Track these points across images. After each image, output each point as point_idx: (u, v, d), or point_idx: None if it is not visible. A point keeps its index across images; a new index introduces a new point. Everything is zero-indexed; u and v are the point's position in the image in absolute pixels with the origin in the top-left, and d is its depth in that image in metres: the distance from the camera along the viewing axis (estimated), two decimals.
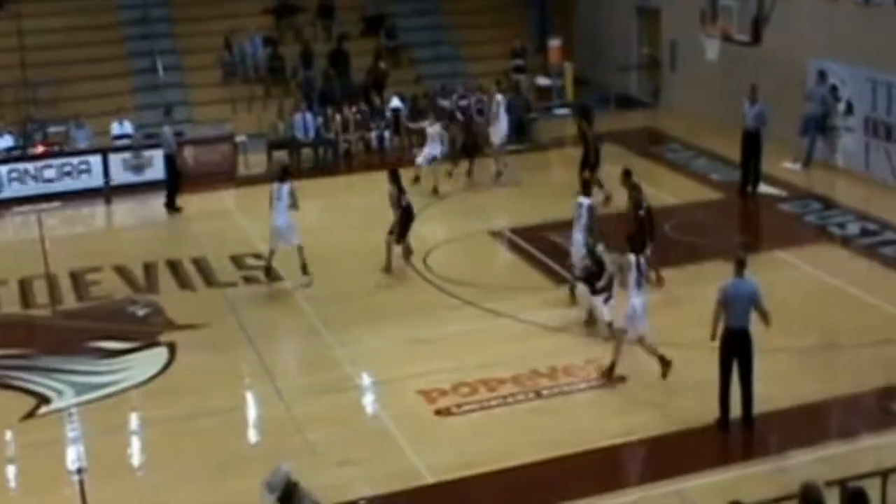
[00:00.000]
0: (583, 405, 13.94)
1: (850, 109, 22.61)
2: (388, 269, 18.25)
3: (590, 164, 21.18)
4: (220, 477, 12.58)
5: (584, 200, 16.72)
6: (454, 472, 12.45)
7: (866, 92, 22.09)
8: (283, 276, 18.38)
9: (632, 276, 14.26)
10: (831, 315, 16.20)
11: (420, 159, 22.66)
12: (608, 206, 19.77)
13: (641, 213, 16.89)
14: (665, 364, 14.23)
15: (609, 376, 14.37)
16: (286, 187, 18.00)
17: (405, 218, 18.40)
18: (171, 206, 22.36)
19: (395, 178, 18.60)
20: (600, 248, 15.86)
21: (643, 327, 14.29)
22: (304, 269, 17.94)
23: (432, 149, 22.61)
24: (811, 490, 8.50)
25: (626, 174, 17.67)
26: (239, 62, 28.14)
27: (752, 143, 21.90)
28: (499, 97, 24.12)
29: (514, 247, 19.60)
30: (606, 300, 15.37)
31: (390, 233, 18.37)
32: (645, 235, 16.56)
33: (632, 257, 14.44)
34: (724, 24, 23.26)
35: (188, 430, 13.66)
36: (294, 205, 17.95)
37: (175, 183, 22.49)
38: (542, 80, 28.76)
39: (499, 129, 23.78)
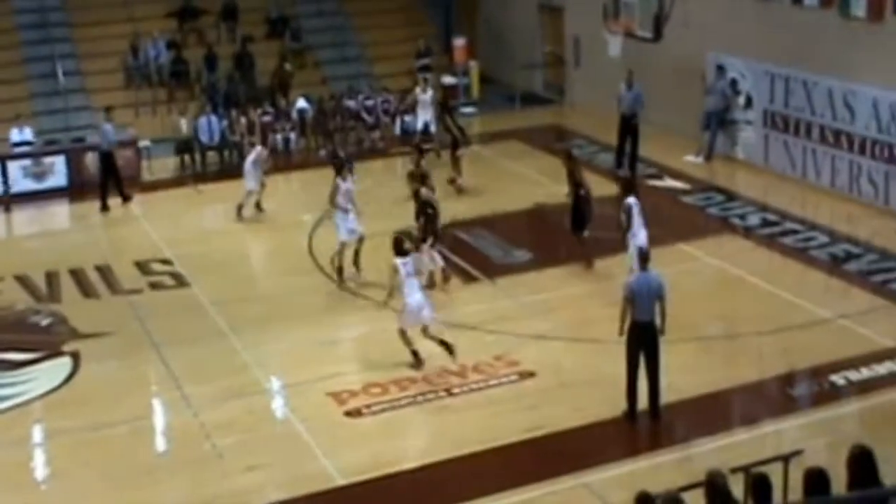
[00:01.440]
0: (493, 402, 13.98)
1: (749, 103, 23.05)
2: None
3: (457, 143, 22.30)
4: (127, 487, 12.39)
5: (632, 199, 16.76)
6: (365, 473, 12.42)
7: (765, 85, 22.53)
8: (189, 281, 18.19)
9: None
10: (734, 305, 16.51)
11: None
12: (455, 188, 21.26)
13: (582, 193, 17.87)
14: (449, 350, 14.71)
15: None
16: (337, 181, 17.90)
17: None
18: (125, 198, 22.37)
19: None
20: None
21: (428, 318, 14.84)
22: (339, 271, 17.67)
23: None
24: (716, 478, 8.63)
25: (569, 157, 18.66)
26: (143, 66, 27.74)
27: (628, 127, 22.58)
28: (426, 95, 24.80)
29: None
30: None
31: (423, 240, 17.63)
32: (583, 214, 17.79)
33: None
34: (626, 20, 23.54)
35: (93, 440, 13.42)
36: (329, 200, 17.83)
37: (119, 179, 22.41)
38: (448, 79, 28.81)
39: (425, 117, 24.59)
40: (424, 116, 24.75)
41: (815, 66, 21.19)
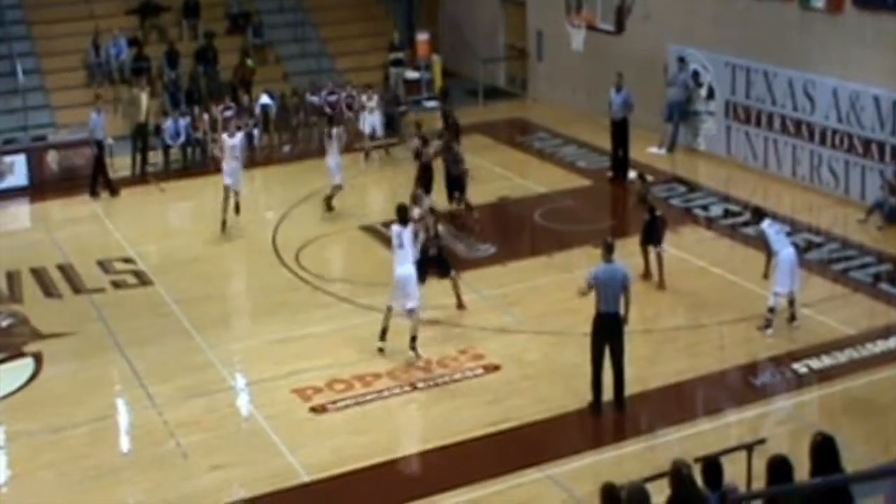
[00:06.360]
0: (457, 395, 14.00)
1: (711, 94, 23.15)
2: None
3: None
4: (90, 489, 12.31)
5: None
6: (331, 470, 12.40)
7: (726, 77, 22.63)
8: (152, 279, 18.08)
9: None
10: (697, 295, 16.58)
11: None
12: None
13: (658, 213, 17.18)
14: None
15: None
16: None
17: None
18: (113, 190, 22.64)
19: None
20: None
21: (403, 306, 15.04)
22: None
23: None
24: (681, 467, 8.66)
25: (642, 180, 18.04)
26: (104, 63, 27.50)
27: (620, 131, 22.29)
28: (372, 102, 24.51)
29: (386, 241, 19.53)
30: None
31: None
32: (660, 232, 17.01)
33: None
34: (588, 14, 23.63)
35: (55, 442, 13.30)
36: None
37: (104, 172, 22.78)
38: (411, 74, 28.80)
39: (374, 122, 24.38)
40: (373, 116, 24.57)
41: (776, 57, 21.33)
